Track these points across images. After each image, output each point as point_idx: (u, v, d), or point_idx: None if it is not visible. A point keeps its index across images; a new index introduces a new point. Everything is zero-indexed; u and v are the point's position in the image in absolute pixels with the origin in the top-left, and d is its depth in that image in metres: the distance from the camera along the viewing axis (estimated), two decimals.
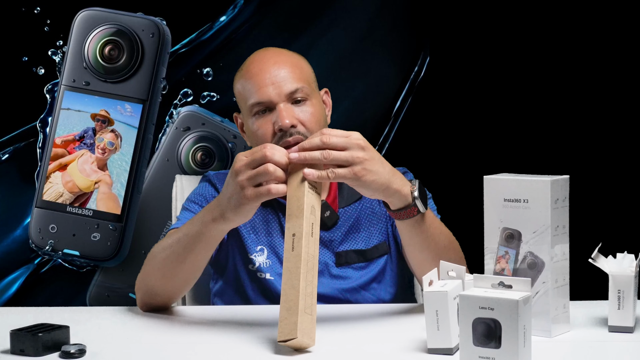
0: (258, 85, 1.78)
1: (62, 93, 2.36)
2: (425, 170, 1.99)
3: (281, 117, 1.74)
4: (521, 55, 2.55)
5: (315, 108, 1.80)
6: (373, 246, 1.84)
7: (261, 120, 1.78)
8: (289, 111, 1.76)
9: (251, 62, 1.84)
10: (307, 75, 1.83)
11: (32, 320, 1.43)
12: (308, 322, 1.36)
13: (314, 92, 1.82)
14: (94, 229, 2.35)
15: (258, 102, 1.77)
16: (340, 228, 1.83)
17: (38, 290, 2.44)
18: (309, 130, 1.77)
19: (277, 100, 1.76)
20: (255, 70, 1.80)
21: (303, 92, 1.78)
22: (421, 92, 2.55)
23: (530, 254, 1.43)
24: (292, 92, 1.77)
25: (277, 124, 1.74)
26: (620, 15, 2.53)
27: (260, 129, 1.77)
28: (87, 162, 2.36)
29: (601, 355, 1.38)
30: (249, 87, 1.80)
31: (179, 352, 1.40)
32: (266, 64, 1.80)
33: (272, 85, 1.77)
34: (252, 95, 1.78)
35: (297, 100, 1.78)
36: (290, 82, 1.78)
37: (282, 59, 1.81)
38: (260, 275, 1.82)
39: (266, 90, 1.77)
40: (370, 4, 2.52)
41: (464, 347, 1.26)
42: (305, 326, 1.35)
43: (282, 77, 1.78)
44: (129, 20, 2.35)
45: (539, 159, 2.54)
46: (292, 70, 1.79)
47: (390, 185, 1.50)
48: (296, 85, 1.78)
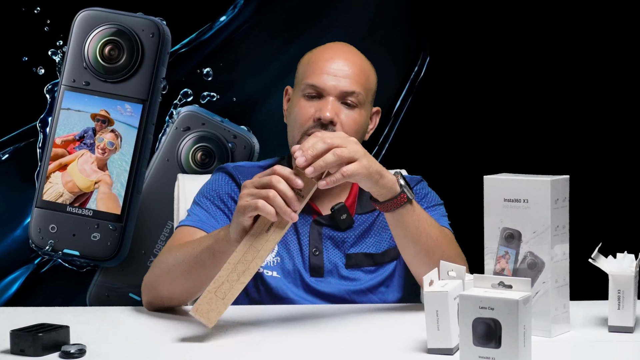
0: (321, 70, 1.79)
1: (62, 93, 2.36)
2: (425, 170, 1.99)
3: (325, 109, 1.76)
4: (521, 55, 2.55)
5: (361, 118, 1.81)
6: (384, 251, 1.83)
7: (307, 103, 1.79)
8: (335, 107, 1.77)
9: (326, 47, 1.85)
10: (369, 85, 1.83)
11: (32, 320, 1.43)
12: (215, 304, 1.42)
13: (367, 105, 1.83)
14: (94, 229, 2.35)
15: (313, 84, 1.78)
16: (353, 231, 1.83)
17: (38, 290, 2.44)
18: (346, 134, 1.77)
19: (331, 92, 1.78)
20: (325, 56, 1.81)
21: (357, 98, 1.79)
22: (421, 92, 2.55)
23: (530, 254, 1.43)
24: (347, 93, 1.78)
25: (320, 113, 1.76)
26: (620, 15, 2.53)
27: (302, 110, 1.79)
28: (87, 162, 2.36)
29: (601, 355, 1.38)
30: (312, 67, 1.81)
31: (179, 352, 1.40)
32: (339, 56, 1.81)
33: (334, 76, 1.78)
34: (311, 76, 1.79)
35: (347, 103, 1.79)
36: (351, 82, 1.78)
37: (355, 59, 1.82)
38: (267, 274, 1.81)
39: (326, 78, 1.78)
40: (370, 4, 2.53)
41: (464, 347, 1.26)
42: (211, 307, 1.42)
43: (346, 74, 1.78)
44: (129, 20, 2.35)
45: (539, 159, 2.54)
46: (358, 73, 1.80)
47: (382, 172, 1.52)
48: (354, 88, 1.78)
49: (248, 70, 2.47)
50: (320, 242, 1.80)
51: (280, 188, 1.43)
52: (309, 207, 1.83)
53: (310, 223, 1.82)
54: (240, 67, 2.47)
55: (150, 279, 1.66)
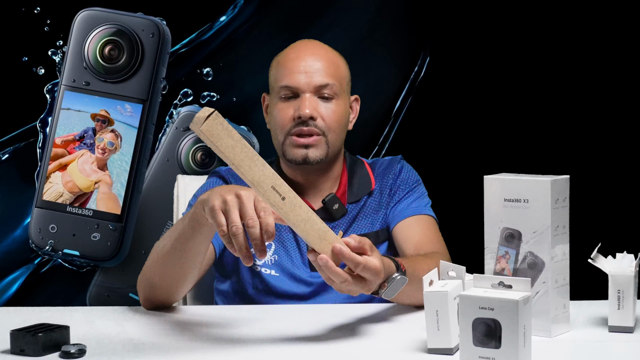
0: (290, 71, 1.81)
1: (62, 93, 2.36)
2: (425, 170, 1.99)
3: (303, 106, 1.78)
4: (521, 56, 2.55)
5: (340, 108, 1.83)
6: (376, 231, 1.86)
7: (285, 104, 1.81)
8: (312, 103, 1.79)
9: (291, 47, 1.87)
10: (341, 74, 1.85)
11: (32, 320, 1.43)
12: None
13: (343, 94, 1.85)
14: (94, 229, 2.35)
15: (286, 86, 1.80)
16: (346, 217, 1.86)
17: (38, 290, 2.44)
18: (328, 126, 1.80)
19: (305, 89, 1.79)
20: (292, 56, 1.83)
21: (332, 89, 1.81)
22: (421, 92, 2.55)
23: (530, 254, 1.43)
24: (321, 86, 1.80)
25: (298, 111, 1.78)
26: (620, 15, 2.53)
27: (281, 113, 1.81)
28: (87, 162, 2.36)
29: (601, 355, 1.38)
30: (282, 70, 1.82)
31: (179, 352, 1.40)
32: (304, 53, 1.83)
33: (305, 73, 1.80)
34: (282, 79, 1.81)
35: (324, 96, 1.80)
36: (322, 75, 1.80)
37: (321, 52, 1.84)
38: (265, 272, 1.82)
39: (297, 77, 1.79)
40: (370, 4, 2.53)
41: (464, 347, 1.26)
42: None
43: (316, 69, 1.80)
44: (129, 20, 2.35)
45: (539, 159, 2.54)
46: (327, 65, 1.82)
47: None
48: (327, 80, 1.80)
49: (248, 70, 2.47)
50: None
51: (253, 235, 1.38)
52: None
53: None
54: (240, 67, 2.47)
55: (142, 273, 1.67)
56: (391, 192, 1.89)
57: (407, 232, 1.84)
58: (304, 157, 1.80)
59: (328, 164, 1.85)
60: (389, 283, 1.48)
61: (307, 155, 1.80)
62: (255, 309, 1.76)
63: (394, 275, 1.49)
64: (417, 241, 1.81)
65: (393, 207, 1.88)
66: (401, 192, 1.89)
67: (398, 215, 1.86)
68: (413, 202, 1.88)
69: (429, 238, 1.82)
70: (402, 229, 1.85)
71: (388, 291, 1.49)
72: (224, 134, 1.33)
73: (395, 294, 1.51)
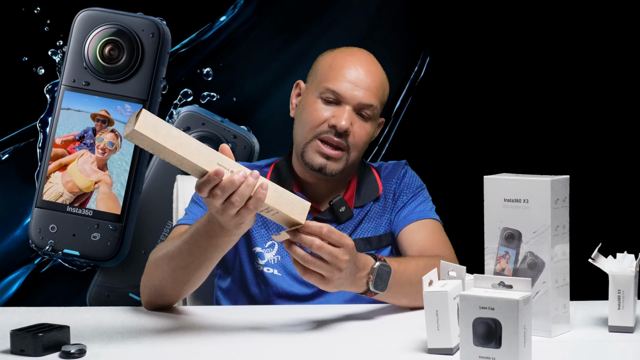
0: (344, 77, 1.80)
1: (62, 93, 2.36)
2: (426, 170, 1.99)
3: (341, 118, 1.78)
4: (521, 55, 2.55)
5: (371, 129, 1.84)
6: (380, 234, 1.87)
7: (324, 106, 1.80)
8: (351, 117, 1.79)
9: (351, 53, 1.85)
10: (383, 98, 1.86)
11: (32, 320, 1.43)
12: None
13: (377, 117, 1.86)
14: (94, 229, 2.35)
15: (334, 90, 1.79)
16: (351, 221, 1.86)
17: (38, 290, 2.44)
18: (355, 144, 1.80)
19: (349, 102, 1.79)
20: (350, 63, 1.82)
21: (372, 111, 1.81)
22: (421, 92, 2.55)
23: (530, 254, 1.43)
24: (365, 105, 1.80)
25: (336, 120, 1.77)
26: (620, 15, 2.53)
27: (317, 112, 1.80)
28: (87, 162, 2.36)
29: (601, 355, 1.38)
30: (335, 71, 1.81)
31: (179, 352, 1.40)
32: (363, 65, 1.82)
33: (356, 87, 1.79)
34: (332, 80, 1.80)
35: (362, 114, 1.81)
36: (370, 95, 1.80)
37: (376, 71, 1.83)
38: (267, 271, 1.82)
39: (348, 86, 1.79)
40: (370, 4, 2.53)
41: (464, 347, 1.26)
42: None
43: (367, 86, 1.80)
44: (129, 20, 2.35)
45: (539, 159, 2.54)
46: (378, 87, 1.82)
47: (352, 286, 1.52)
48: (372, 101, 1.80)
49: (248, 70, 2.47)
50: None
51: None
52: None
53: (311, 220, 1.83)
54: (240, 67, 2.47)
55: (148, 278, 1.66)
56: (394, 197, 1.89)
57: (411, 238, 1.84)
58: (322, 166, 1.80)
59: (341, 176, 1.85)
60: (372, 274, 1.53)
61: (325, 166, 1.80)
62: (256, 309, 1.76)
63: (374, 265, 1.53)
64: (421, 246, 1.81)
65: (397, 213, 1.88)
66: (405, 197, 1.89)
67: (402, 221, 1.86)
68: (417, 207, 1.87)
69: (433, 242, 1.82)
70: (407, 235, 1.85)
71: (376, 282, 1.53)
72: (158, 127, 1.30)
73: (385, 286, 1.54)
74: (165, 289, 1.63)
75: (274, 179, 1.86)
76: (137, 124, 1.28)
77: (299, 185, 1.87)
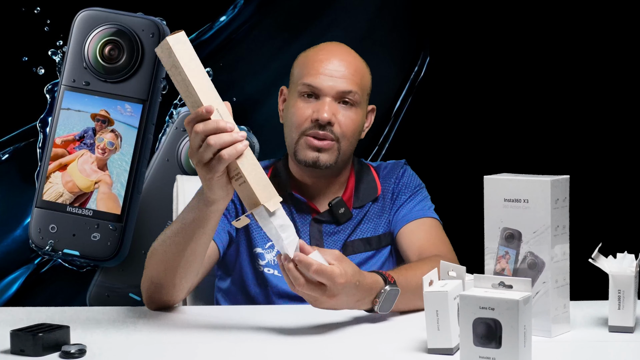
0: (316, 71, 1.80)
1: (62, 93, 2.36)
2: (426, 170, 1.99)
3: (323, 110, 1.77)
4: (521, 55, 2.55)
5: (357, 116, 1.83)
6: (379, 235, 1.87)
7: (304, 103, 1.81)
8: (332, 107, 1.79)
9: (321, 48, 1.86)
10: (365, 83, 1.85)
11: (32, 320, 1.43)
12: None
13: (363, 103, 1.85)
14: (94, 229, 2.35)
15: (309, 84, 1.80)
16: (351, 222, 1.87)
17: (38, 290, 2.44)
18: (343, 133, 1.80)
19: (328, 93, 1.79)
20: (321, 57, 1.82)
21: (354, 97, 1.81)
22: (421, 92, 2.55)
23: (530, 254, 1.43)
24: (344, 92, 1.80)
25: (317, 114, 1.77)
26: (620, 15, 2.53)
27: (299, 111, 1.80)
28: (87, 162, 2.36)
29: (601, 355, 1.38)
30: (308, 68, 1.82)
31: (179, 352, 1.40)
32: (334, 56, 1.82)
33: (330, 77, 1.79)
34: (307, 76, 1.81)
35: (344, 102, 1.80)
36: (347, 82, 1.80)
37: (350, 59, 1.83)
38: (268, 272, 1.83)
39: (322, 79, 1.79)
40: (370, 4, 2.53)
41: (464, 347, 1.26)
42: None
43: (342, 74, 1.80)
44: (129, 20, 2.35)
45: (539, 159, 2.54)
46: (354, 72, 1.82)
47: (351, 308, 1.51)
48: (351, 87, 1.80)
49: (248, 70, 2.47)
50: (321, 239, 1.82)
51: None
52: (307, 206, 1.84)
53: (310, 222, 1.84)
54: (240, 67, 2.47)
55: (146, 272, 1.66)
56: (393, 196, 1.89)
57: (410, 237, 1.84)
58: (315, 160, 1.80)
59: (337, 169, 1.85)
60: (380, 297, 1.51)
61: (318, 159, 1.80)
62: (256, 309, 1.76)
63: (383, 290, 1.51)
64: (420, 245, 1.81)
65: (396, 213, 1.88)
66: (403, 196, 1.89)
67: (401, 220, 1.86)
68: (416, 206, 1.87)
69: (432, 241, 1.82)
70: (406, 234, 1.85)
71: (382, 305, 1.51)
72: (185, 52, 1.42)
73: (390, 306, 1.53)
74: (161, 280, 1.62)
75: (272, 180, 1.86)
76: (171, 37, 1.40)
77: (297, 187, 1.87)
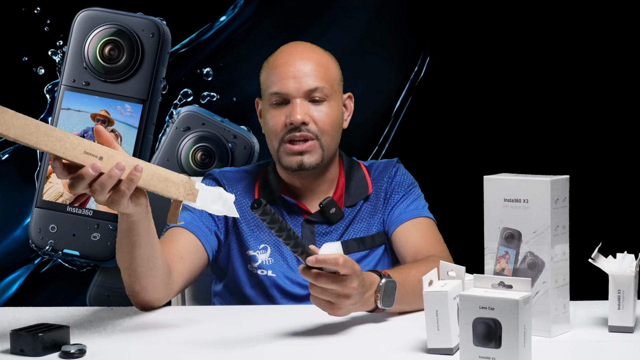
0: (280, 77, 1.80)
1: (62, 93, 2.36)
2: (426, 170, 2.00)
3: (294, 112, 1.78)
4: (521, 55, 2.55)
5: (332, 110, 1.82)
6: (372, 234, 1.87)
7: (276, 111, 1.81)
8: (303, 107, 1.79)
9: (280, 52, 1.86)
10: (331, 76, 1.84)
11: (32, 320, 1.44)
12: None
13: (335, 94, 1.84)
14: (94, 229, 2.35)
15: (276, 92, 1.80)
16: (343, 221, 1.86)
17: (38, 290, 2.44)
18: (321, 130, 1.80)
19: (295, 94, 1.79)
20: (281, 61, 1.82)
21: (322, 92, 1.80)
22: (421, 92, 2.55)
23: (530, 254, 1.43)
24: (311, 90, 1.79)
25: (290, 118, 1.78)
26: (620, 15, 2.53)
27: (273, 119, 1.81)
28: None
29: (601, 355, 1.38)
30: (272, 77, 1.82)
31: (179, 352, 1.40)
32: (293, 57, 1.82)
33: (294, 79, 1.79)
34: (272, 85, 1.81)
35: (314, 99, 1.80)
36: (312, 79, 1.80)
37: (310, 56, 1.83)
38: (261, 273, 1.83)
39: (287, 83, 1.79)
40: (370, 4, 2.52)
41: (464, 347, 1.26)
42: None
43: (305, 72, 1.80)
44: (129, 20, 2.35)
45: (539, 159, 2.54)
46: (317, 68, 1.81)
47: (359, 309, 1.51)
48: (317, 84, 1.80)
49: (248, 70, 2.46)
50: (313, 239, 1.83)
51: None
52: (297, 208, 1.85)
53: (302, 223, 1.84)
54: (240, 67, 2.47)
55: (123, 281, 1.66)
56: (386, 196, 1.89)
57: (405, 238, 1.84)
58: (299, 163, 1.80)
59: (324, 167, 1.85)
60: (380, 292, 1.51)
61: (302, 162, 1.80)
62: (254, 309, 1.76)
63: (380, 283, 1.52)
64: (415, 245, 1.81)
65: (390, 212, 1.88)
66: (397, 196, 1.88)
67: (395, 220, 1.86)
68: (409, 206, 1.87)
69: (427, 241, 1.82)
70: (401, 234, 1.85)
71: (383, 299, 1.52)
72: (9, 119, 1.34)
73: (392, 300, 1.53)
74: (131, 285, 1.62)
75: (262, 187, 1.87)
76: None
77: (287, 190, 1.87)
